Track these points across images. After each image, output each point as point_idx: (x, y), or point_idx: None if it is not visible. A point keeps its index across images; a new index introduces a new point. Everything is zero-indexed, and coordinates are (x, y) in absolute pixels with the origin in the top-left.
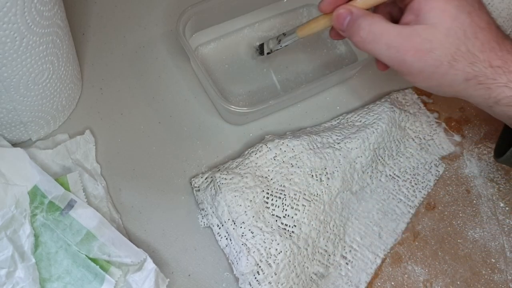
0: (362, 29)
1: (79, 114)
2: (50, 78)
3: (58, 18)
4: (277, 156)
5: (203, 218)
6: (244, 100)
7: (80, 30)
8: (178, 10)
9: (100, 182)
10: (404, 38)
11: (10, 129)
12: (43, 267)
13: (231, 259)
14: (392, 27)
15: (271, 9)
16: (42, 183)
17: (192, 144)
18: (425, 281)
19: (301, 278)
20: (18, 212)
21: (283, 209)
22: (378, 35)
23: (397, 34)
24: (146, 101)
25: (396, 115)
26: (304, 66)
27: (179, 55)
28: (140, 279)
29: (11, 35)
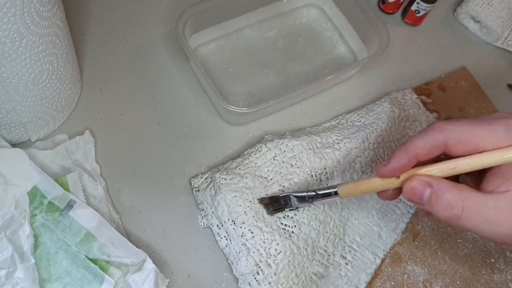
0: (454, 206)
1: (78, 115)
2: (49, 78)
3: (57, 18)
4: (276, 156)
5: (202, 218)
6: (244, 100)
7: (80, 31)
8: (177, 10)
9: (100, 182)
10: (504, 211)
11: (10, 129)
12: (42, 268)
13: (231, 259)
14: (487, 199)
15: (270, 9)
16: (41, 184)
17: (191, 144)
18: (425, 281)
19: (300, 278)
20: (17, 212)
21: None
22: (474, 210)
23: (494, 206)
24: (146, 101)
25: (395, 115)
26: (304, 66)
27: (179, 55)
28: (139, 279)
29: (11, 35)
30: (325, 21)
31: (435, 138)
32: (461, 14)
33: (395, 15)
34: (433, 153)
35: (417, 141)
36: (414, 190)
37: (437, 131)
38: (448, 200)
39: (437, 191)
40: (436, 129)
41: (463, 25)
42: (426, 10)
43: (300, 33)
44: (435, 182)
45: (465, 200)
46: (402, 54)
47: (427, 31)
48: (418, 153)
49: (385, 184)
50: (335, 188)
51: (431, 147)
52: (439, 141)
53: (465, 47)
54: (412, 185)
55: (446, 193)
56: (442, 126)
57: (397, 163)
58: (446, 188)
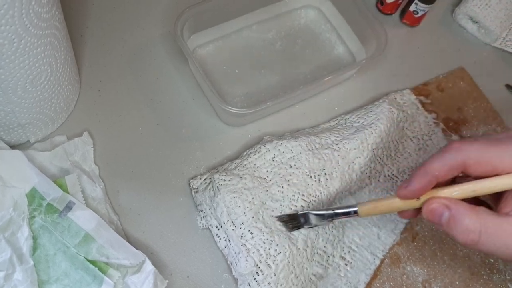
0: (471, 231)
1: (77, 116)
2: (48, 80)
3: (56, 20)
4: (275, 157)
5: (201, 219)
6: (242, 101)
7: (78, 32)
8: (176, 12)
9: (99, 184)
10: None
11: (8, 131)
12: (41, 270)
13: (230, 260)
14: (504, 223)
15: (269, 10)
16: (40, 185)
17: (190, 145)
18: (424, 281)
19: (300, 279)
20: (16, 214)
21: (281, 210)
22: (492, 235)
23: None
24: (144, 103)
25: (394, 115)
26: (303, 67)
27: (177, 56)
28: (138, 281)
29: (9, 36)
30: (323, 22)
31: (453, 158)
32: (459, 14)
33: (394, 16)
34: (452, 173)
35: (436, 162)
36: (433, 213)
37: (455, 152)
38: (466, 225)
39: (455, 215)
40: (454, 149)
41: (461, 26)
42: (424, 11)
43: (299, 34)
44: (453, 206)
45: (482, 225)
46: (401, 54)
47: (426, 32)
48: (437, 175)
49: (405, 205)
50: (355, 208)
51: (450, 168)
52: (457, 162)
53: (463, 48)
54: (431, 207)
55: (464, 218)
56: (460, 146)
57: (417, 185)
58: (464, 212)
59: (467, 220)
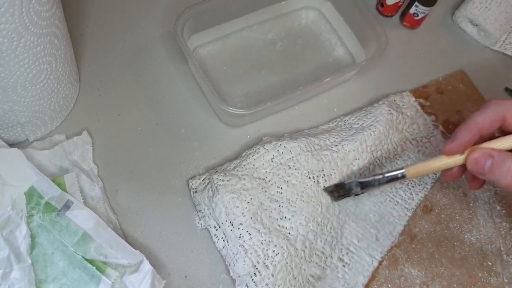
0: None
1: (76, 115)
2: (47, 78)
3: (56, 18)
4: (274, 158)
5: (200, 219)
6: (242, 101)
7: (78, 31)
8: (176, 12)
9: (97, 183)
10: None
11: (7, 129)
12: (39, 268)
13: (228, 260)
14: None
15: (269, 11)
16: (38, 184)
17: (189, 145)
18: (422, 283)
19: (298, 280)
20: (14, 213)
21: (280, 210)
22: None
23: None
24: (144, 102)
25: (393, 117)
26: (302, 68)
27: (177, 56)
28: (136, 280)
29: (9, 35)
30: (323, 23)
31: (494, 111)
32: (459, 17)
33: (394, 18)
34: (494, 126)
35: (478, 116)
36: (477, 161)
37: (494, 106)
38: (508, 166)
39: (498, 160)
40: (493, 104)
41: (461, 28)
42: (424, 13)
43: (299, 35)
44: (496, 153)
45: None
46: (400, 56)
47: (426, 34)
48: (480, 128)
49: (451, 161)
50: (402, 170)
51: (491, 121)
52: (498, 114)
53: (463, 50)
54: (475, 156)
55: (507, 162)
56: (499, 102)
57: (462, 139)
58: (506, 157)
59: (509, 161)
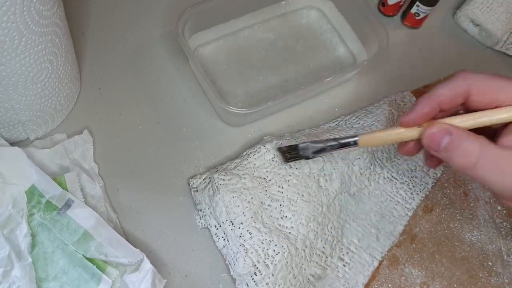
0: (470, 154)
1: (77, 114)
2: (48, 77)
3: (57, 17)
4: (275, 158)
5: (200, 219)
6: (243, 101)
7: (79, 30)
8: (177, 11)
9: (98, 182)
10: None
11: (8, 128)
12: (39, 267)
13: (229, 260)
14: (504, 151)
15: (270, 10)
16: (39, 183)
17: (190, 144)
18: (422, 283)
19: (298, 279)
20: (15, 211)
21: (281, 210)
22: (490, 160)
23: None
24: (145, 102)
25: (394, 117)
26: (303, 67)
27: (178, 55)
28: (137, 279)
29: (10, 34)
30: (324, 23)
31: (458, 85)
32: (460, 17)
33: (395, 18)
34: (456, 101)
35: (441, 88)
36: (433, 136)
37: (461, 78)
38: (465, 147)
39: (456, 138)
40: (460, 76)
41: (462, 28)
42: (425, 13)
43: (300, 35)
44: (455, 130)
45: (482, 149)
46: (402, 56)
47: (427, 34)
48: (441, 100)
49: (406, 133)
50: (356, 138)
51: (454, 94)
52: (462, 88)
53: (464, 51)
54: (432, 131)
55: (466, 141)
56: (466, 75)
57: (420, 111)
58: (465, 136)
59: (467, 142)
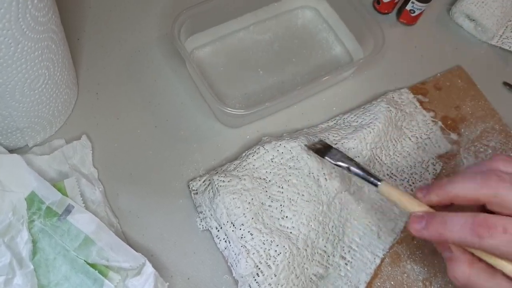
0: (459, 276)
1: (75, 119)
2: (45, 83)
3: (52, 23)
4: (274, 158)
5: (201, 221)
6: (240, 102)
7: (75, 35)
8: (173, 14)
9: (98, 186)
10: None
11: (6, 135)
12: (41, 274)
13: (230, 261)
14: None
15: (266, 11)
16: (39, 189)
17: (189, 147)
18: (425, 279)
19: (300, 279)
20: (15, 218)
21: (281, 210)
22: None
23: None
24: (142, 105)
25: (392, 114)
26: (300, 67)
27: (175, 58)
28: (139, 283)
29: (6, 41)
30: (320, 22)
31: (471, 243)
32: (456, 13)
33: (390, 15)
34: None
35: (454, 234)
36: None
37: (476, 239)
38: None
39: (453, 257)
40: (477, 235)
41: (458, 24)
42: (421, 9)
43: (296, 35)
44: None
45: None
46: (398, 53)
47: (422, 31)
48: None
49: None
50: (379, 182)
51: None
52: (473, 247)
53: (460, 46)
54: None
55: (458, 262)
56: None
57: (428, 237)
58: (460, 256)
59: (457, 266)
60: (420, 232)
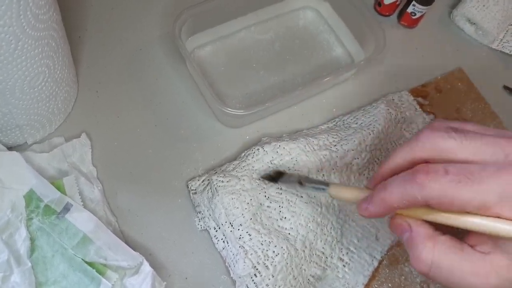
0: (423, 259)
1: (75, 117)
2: (45, 81)
3: (53, 21)
4: (273, 160)
5: (200, 221)
6: (241, 102)
7: (76, 33)
8: (174, 13)
9: (96, 185)
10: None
11: (6, 132)
12: (39, 271)
13: (228, 262)
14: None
15: (267, 11)
16: (38, 187)
17: (188, 146)
18: (422, 282)
19: (298, 280)
20: (13, 216)
21: (280, 211)
22: (446, 271)
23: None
24: (143, 104)
25: (392, 116)
26: (301, 68)
27: (176, 57)
28: (136, 282)
29: (6, 38)
30: (321, 23)
31: (413, 195)
32: (457, 16)
33: (391, 17)
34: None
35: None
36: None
37: (417, 187)
38: (419, 253)
39: (413, 238)
40: (417, 183)
41: (459, 27)
42: (422, 12)
43: (297, 35)
44: (414, 228)
45: (436, 256)
46: (399, 56)
47: (423, 33)
48: (395, 207)
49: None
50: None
51: (409, 204)
52: (417, 201)
53: (461, 49)
54: (396, 222)
55: (419, 245)
56: (423, 182)
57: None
58: (421, 240)
59: (420, 248)
60: (366, 209)
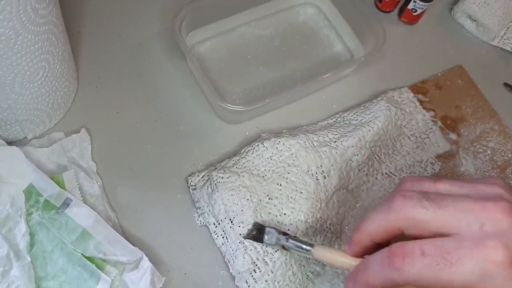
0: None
1: (75, 112)
2: (45, 76)
3: (53, 16)
4: (273, 156)
5: (199, 216)
6: (240, 98)
7: (76, 28)
8: (174, 8)
9: (96, 180)
10: None
11: (6, 127)
12: (38, 266)
13: (228, 257)
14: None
15: (267, 7)
16: (37, 182)
17: (188, 142)
18: None
19: (297, 276)
20: (13, 210)
21: (280, 207)
22: None
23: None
24: (142, 100)
25: (392, 113)
26: (301, 64)
27: (176, 53)
28: (136, 277)
29: (6, 33)
30: (322, 19)
31: (393, 280)
32: (457, 13)
33: (392, 14)
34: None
35: (377, 277)
36: None
37: (396, 272)
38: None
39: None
40: (394, 267)
41: (459, 24)
42: (422, 8)
43: (297, 31)
44: None
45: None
46: (399, 52)
47: (424, 30)
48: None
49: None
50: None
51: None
52: (399, 283)
53: (462, 46)
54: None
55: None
56: (401, 267)
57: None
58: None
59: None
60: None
